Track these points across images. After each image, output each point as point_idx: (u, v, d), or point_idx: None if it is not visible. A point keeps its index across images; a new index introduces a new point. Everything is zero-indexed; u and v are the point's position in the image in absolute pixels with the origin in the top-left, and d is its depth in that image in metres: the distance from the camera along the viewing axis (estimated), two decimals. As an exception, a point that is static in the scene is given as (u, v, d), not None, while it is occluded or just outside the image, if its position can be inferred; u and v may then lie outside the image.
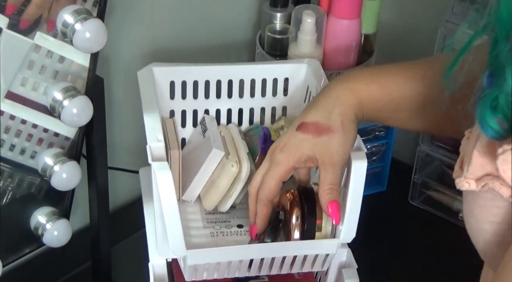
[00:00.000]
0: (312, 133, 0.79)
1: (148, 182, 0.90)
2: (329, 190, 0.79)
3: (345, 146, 0.79)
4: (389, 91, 0.82)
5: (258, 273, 0.84)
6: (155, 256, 0.87)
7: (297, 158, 0.80)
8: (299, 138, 0.80)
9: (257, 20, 1.25)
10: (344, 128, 0.79)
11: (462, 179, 0.62)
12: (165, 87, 0.96)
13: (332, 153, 0.79)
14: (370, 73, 0.84)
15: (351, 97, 0.81)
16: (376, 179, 1.25)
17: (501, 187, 0.59)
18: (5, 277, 0.96)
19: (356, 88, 0.81)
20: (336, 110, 0.80)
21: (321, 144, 0.79)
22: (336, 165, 0.79)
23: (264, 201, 0.82)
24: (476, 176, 0.61)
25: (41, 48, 0.87)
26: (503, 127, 0.56)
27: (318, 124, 0.79)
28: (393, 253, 1.15)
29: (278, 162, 0.80)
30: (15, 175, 0.94)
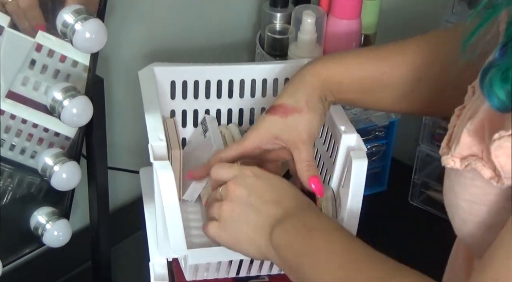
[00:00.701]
0: (280, 114, 0.84)
1: (148, 182, 0.90)
2: (307, 167, 0.82)
3: (312, 124, 0.84)
4: (351, 71, 0.86)
5: (258, 273, 0.84)
6: (155, 255, 0.87)
7: (266, 137, 0.84)
8: (267, 120, 0.85)
9: (257, 20, 1.25)
10: (309, 107, 0.84)
11: (448, 156, 0.64)
12: (166, 87, 0.96)
13: (301, 131, 0.83)
14: (334, 55, 0.89)
15: (314, 79, 0.85)
16: (376, 179, 1.25)
17: (482, 168, 0.60)
18: (5, 277, 0.96)
19: (318, 71, 0.85)
20: (299, 92, 0.84)
21: (288, 124, 0.83)
22: (306, 142, 0.83)
23: (216, 157, 0.86)
24: (462, 155, 0.63)
25: (43, 47, 0.87)
26: (509, 99, 0.57)
27: (285, 106, 0.84)
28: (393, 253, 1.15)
29: (246, 137, 0.85)
30: (15, 175, 0.94)
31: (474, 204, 0.63)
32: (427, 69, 0.83)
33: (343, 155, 0.86)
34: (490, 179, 0.60)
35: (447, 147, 0.66)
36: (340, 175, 0.87)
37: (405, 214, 1.23)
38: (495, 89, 0.57)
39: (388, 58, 0.85)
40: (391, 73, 0.85)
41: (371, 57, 0.86)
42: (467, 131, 0.62)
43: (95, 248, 1.05)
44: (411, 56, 0.84)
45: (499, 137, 0.57)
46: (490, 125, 0.60)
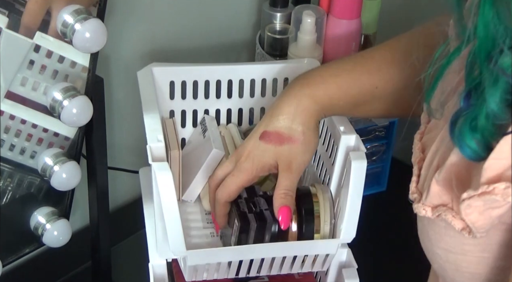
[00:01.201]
0: (274, 143, 0.82)
1: (148, 182, 0.90)
2: (283, 195, 0.81)
3: (304, 155, 0.83)
4: (347, 89, 0.84)
5: (258, 273, 0.84)
6: (155, 256, 0.87)
7: (260, 167, 0.83)
8: (262, 148, 0.83)
9: (257, 20, 1.25)
10: (305, 138, 0.82)
11: (419, 205, 0.64)
12: (165, 87, 0.96)
13: (292, 161, 0.82)
14: (328, 74, 0.85)
15: (311, 104, 0.83)
16: (376, 179, 1.25)
17: (453, 219, 0.60)
18: (5, 277, 0.96)
19: (315, 94, 0.83)
20: (297, 120, 0.82)
21: (282, 152, 0.82)
22: (293, 173, 0.82)
23: (222, 202, 0.84)
24: (433, 204, 0.63)
25: (41, 48, 0.87)
26: (480, 148, 0.57)
27: (280, 134, 0.82)
28: (393, 253, 1.15)
29: (243, 169, 0.83)
30: (15, 175, 0.94)
31: (451, 253, 0.63)
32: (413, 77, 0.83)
33: (342, 156, 0.86)
34: (462, 230, 0.60)
35: (417, 191, 0.66)
36: (339, 176, 0.87)
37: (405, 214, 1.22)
38: (466, 140, 0.57)
39: (381, 70, 0.84)
40: (383, 86, 0.84)
41: (365, 71, 0.85)
42: (436, 181, 0.62)
43: (95, 248, 1.05)
44: (400, 65, 0.83)
45: (468, 197, 0.57)
46: (457, 175, 0.61)
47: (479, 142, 0.57)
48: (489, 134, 0.57)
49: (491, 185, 0.55)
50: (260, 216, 0.83)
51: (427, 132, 0.70)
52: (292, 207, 0.81)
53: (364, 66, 0.85)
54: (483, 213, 0.58)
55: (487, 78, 0.56)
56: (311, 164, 0.97)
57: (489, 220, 0.58)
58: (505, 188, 0.55)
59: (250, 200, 0.85)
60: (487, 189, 0.56)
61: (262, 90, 0.99)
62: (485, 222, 0.58)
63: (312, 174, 0.97)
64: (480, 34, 0.55)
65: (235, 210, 0.83)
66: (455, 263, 0.63)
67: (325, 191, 0.85)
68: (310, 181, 0.97)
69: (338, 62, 0.88)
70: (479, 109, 0.56)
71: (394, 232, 1.19)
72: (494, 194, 0.55)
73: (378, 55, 0.86)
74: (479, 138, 0.57)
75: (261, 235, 0.82)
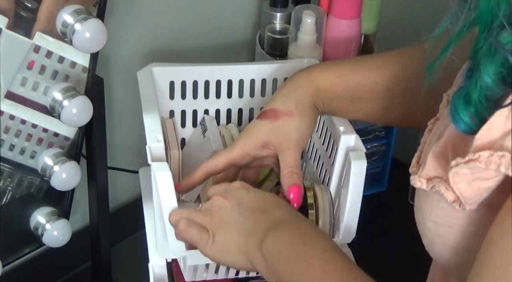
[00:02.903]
0: (269, 118, 0.82)
1: (148, 182, 0.90)
2: (289, 174, 0.80)
3: (300, 129, 0.82)
4: (345, 78, 0.85)
5: (258, 273, 0.84)
6: (155, 256, 0.87)
7: (253, 144, 0.82)
8: (257, 125, 0.83)
9: (257, 20, 1.25)
10: (299, 112, 0.82)
11: (416, 177, 0.64)
12: (164, 88, 0.96)
13: (289, 135, 0.81)
14: (328, 63, 0.88)
15: (307, 84, 0.84)
16: (376, 179, 1.25)
17: (446, 190, 0.61)
18: (5, 277, 0.96)
19: (312, 76, 0.84)
20: (292, 95, 0.83)
21: (277, 127, 0.82)
22: (293, 148, 0.81)
23: (203, 169, 0.83)
24: (428, 176, 0.63)
25: (41, 48, 0.87)
26: (474, 122, 0.57)
27: (275, 110, 0.82)
28: (393, 253, 1.15)
29: (235, 145, 0.83)
30: (15, 175, 0.94)
31: (440, 226, 0.63)
32: (414, 80, 0.83)
33: (342, 156, 0.86)
34: (453, 202, 0.60)
35: (417, 164, 0.66)
36: (339, 176, 0.87)
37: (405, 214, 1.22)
38: (459, 113, 0.58)
39: (382, 68, 0.84)
40: (383, 83, 0.84)
41: (364, 66, 0.85)
42: (433, 153, 0.62)
43: (95, 248, 1.05)
44: (404, 66, 0.83)
45: (456, 164, 0.57)
46: (453, 148, 0.61)
47: (473, 116, 0.57)
48: (482, 108, 0.57)
49: (477, 153, 0.56)
50: None
51: (440, 119, 0.70)
52: (301, 184, 0.80)
53: (363, 63, 0.86)
54: (471, 183, 0.58)
55: (484, 51, 0.56)
56: (311, 164, 0.97)
57: (478, 191, 0.58)
58: (488, 156, 0.55)
59: None
60: (472, 157, 0.56)
61: (262, 90, 1.00)
62: (474, 193, 0.59)
63: (312, 174, 0.97)
64: (482, 5, 0.55)
65: None
66: (443, 236, 0.63)
67: (325, 191, 0.85)
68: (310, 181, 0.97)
69: (341, 58, 0.89)
70: (474, 83, 0.57)
71: (394, 232, 1.19)
72: (479, 161, 0.55)
73: (378, 56, 0.87)
74: (473, 112, 0.57)
75: None
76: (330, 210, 0.83)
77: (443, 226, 0.63)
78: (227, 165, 0.82)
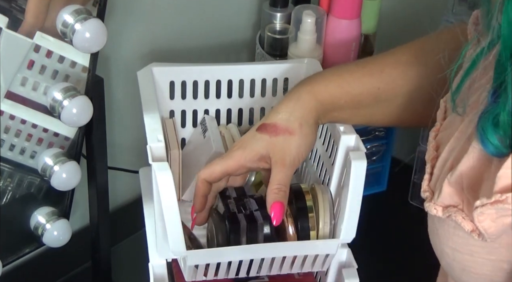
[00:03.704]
0: (269, 133, 0.81)
1: (148, 182, 0.90)
2: (276, 190, 0.79)
3: (299, 148, 0.81)
4: (348, 88, 0.83)
5: (258, 273, 0.84)
6: (155, 256, 0.87)
7: (250, 156, 0.81)
8: (256, 138, 0.81)
9: (257, 20, 1.25)
10: (301, 131, 0.81)
11: (431, 204, 0.64)
12: (165, 87, 0.96)
13: (285, 153, 0.80)
14: (330, 73, 0.85)
15: (312, 99, 0.82)
16: (376, 179, 1.25)
17: (463, 220, 0.61)
18: (5, 277, 0.96)
19: (315, 90, 0.82)
20: (295, 113, 0.81)
21: (276, 143, 0.80)
22: (287, 166, 0.80)
23: (201, 179, 0.82)
24: (444, 204, 0.63)
25: (41, 48, 0.87)
26: (503, 144, 0.57)
27: (277, 126, 0.81)
28: (393, 252, 1.15)
29: (232, 155, 0.81)
30: (15, 175, 0.94)
31: (458, 252, 0.63)
32: (420, 81, 0.82)
33: (342, 156, 0.86)
34: (471, 232, 0.60)
35: (429, 189, 0.66)
36: (339, 176, 0.87)
37: (405, 214, 1.23)
38: (488, 136, 0.58)
39: (384, 72, 0.83)
40: (386, 88, 0.83)
41: (366, 73, 0.84)
42: (448, 182, 0.62)
43: (95, 248, 1.05)
44: (402, 68, 0.83)
45: (481, 204, 0.58)
46: (468, 179, 0.61)
47: (502, 138, 0.57)
48: (511, 131, 0.57)
49: (503, 194, 0.56)
50: (250, 217, 0.82)
51: (442, 130, 0.70)
52: (285, 203, 0.79)
53: (366, 68, 0.85)
54: (495, 220, 0.58)
55: (510, 76, 0.56)
56: (311, 164, 0.97)
57: (502, 227, 0.59)
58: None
59: (239, 201, 0.84)
60: (500, 198, 0.56)
61: (262, 90, 1.00)
62: (498, 229, 0.59)
63: (312, 174, 0.97)
64: (504, 32, 0.55)
65: (225, 211, 0.83)
66: (462, 262, 0.63)
67: (325, 191, 0.85)
68: (310, 181, 0.97)
69: (342, 64, 0.88)
70: (502, 106, 0.57)
71: (394, 232, 1.19)
72: (507, 203, 0.56)
73: (381, 59, 0.86)
74: (501, 134, 0.57)
75: (253, 236, 0.81)
76: (330, 210, 0.83)
77: (462, 253, 0.63)
78: (223, 174, 0.82)
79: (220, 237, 0.81)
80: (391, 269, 1.11)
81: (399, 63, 0.83)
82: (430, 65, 0.81)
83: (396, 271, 1.11)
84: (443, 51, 0.71)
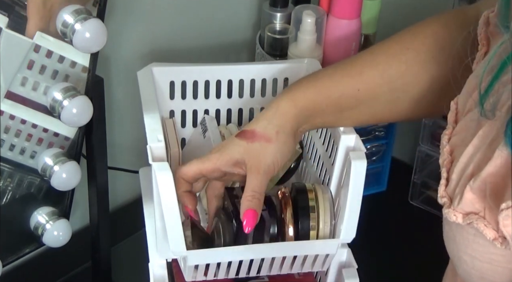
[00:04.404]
0: (247, 139, 0.81)
1: (148, 182, 0.90)
2: (250, 197, 0.79)
3: (275, 156, 0.81)
4: (328, 93, 0.83)
5: (258, 273, 0.84)
6: (155, 256, 0.87)
7: (225, 160, 0.81)
8: (234, 143, 0.81)
9: (257, 20, 1.25)
10: (278, 139, 0.81)
11: (450, 211, 0.63)
12: (165, 87, 0.96)
13: (261, 160, 0.80)
14: (309, 79, 0.85)
15: (291, 107, 0.82)
16: (376, 179, 1.25)
17: (485, 228, 0.60)
18: (5, 277, 0.96)
19: (295, 97, 0.82)
20: (274, 121, 0.81)
21: (252, 149, 0.80)
22: (261, 173, 0.80)
23: (177, 176, 0.81)
24: (465, 211, 0.62)
25: (41, 48, 0.87)
26: None
27: (254, 132, 0.81)
28: (393, 253, 1.15)
29: (208, 157, 0.81)
30: (15, 175, 0.94)
31: (477, 260, 0.62)
32: (401, 79, 0.82)
33: (342, 156, 0.86)
34: (493, 240, 0.59)
35: (446, 195, 0.65)
36: (339, 176, 0.87)
37: (405, 214, 1.23)
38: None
39: (363, 73, 0.82)
40: (366, 88, 0.82)
41: (345, 75, 0.83)
42: (470, 189, 0.61)
43: (95, 248, 1.05)
44: (382, 67, 0.82)
45: (507, 207, 0.57)
46: (492, 185, 0.60)
47: None
48: None
49: None
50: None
51: (455, 133, 0.68)
52: (258, 211, 0.79)
53: (345, 70, 0.84)
54: None
55: None
56: (311, 164, 0.97)
57: None
58: None
59: None
60: None
61: (262, 90, 1.00)
62: None
63: (312, 174, 0.97)
64: None
65: (232, 210, 0.83)
66: (480, 270, 0.63)
67: (325, 191, 0.85)
68: (310, 181, 0.97)
69: (322, 69, 0.87)
70: None
71: (394, 232, 1.19)
72: None
73: (361, 58, 0.85)
74: None
75: (260, 236, 0.82)
76: (330, 210, 0.83)
77: (481, 261, 0.62)
78: (197, 174, 0.82)
79: (227, 236, 0.81)
80: (391, 269, 1.11)
81: (377, 64, 0.82)
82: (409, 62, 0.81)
83: (396, 271, 1.11)
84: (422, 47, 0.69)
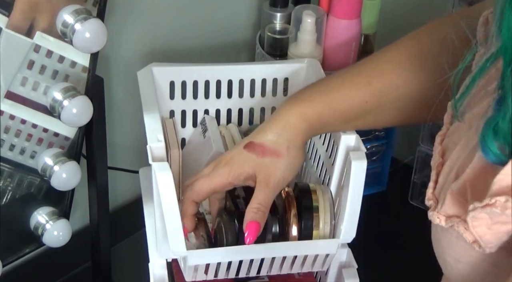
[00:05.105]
0: (257, 153, 0.81)
1: (148, 182, 0.90)
2: (256, 209, 0.79)
3: (285, 171, 0.81)
4: (336, 106, 0.83)
5: (258, 273, 0.84)
6: (155, 256, 0.87)
7: (237, 174, 0.81)
8: (243, 156, 0.81)
9: (257, 20, 1.25)
10: (289, 154, 0.81)
11: (434, 213, 0.63)
12: (165, 87, 0.96)
13: (270, 175, 0.80)
14: (317, 92, 0.84)
15: (300, 122, 0.82)
16: (376, 179, 1.25)
17: (465, 231, 0.60)
18: (5, 277, 0.96)
19: (304, 112, 0.82)
20: (284, 135, 0.81)
21: (263, 164, 0.81)
22: (270, 187, 0.80)
23: (188, 201, 0.82)
24: (447, 214, 0.63)
25: (41, 48, 0.87)
26: (503, 152, 0.57)
27: (264, 146, 0.81)
28: (393, 252, 1.15)
29: (218, 173, 0.81)
30: (15, 175, 0.94)
31: (459, 263, 0.63)
32: (408, 87, 0.82)
33: (342, 156, 0.86)
34: (472, 243, 0.60)
35: (433, 197, 0.66)
36: (339, 176, 0.87)
37: (405, 214, 1.23)
38: (488, 144, 0.57)
39: (370, 84, 0.82)
40: (373, 100, 0.82)
41: (353, 88, 0.83)
42: (451, 192, 0.62)
43: (95, 248, 1.05)
44: (390, 78, 0.82)
45: (473, 208, 0.57)
46: (473, 189, 0.60)
47: (503, 147, 0.56)
48: (511, 139, 0.56)
49: (493, 198, 0.55)
50: None
51: (448, 134, 0.69)
52: (262, 224, 0.80)
53: (353, 82, 0.84)
54: (491, 227, 0.58)
55: (510, 82, 0.55)
56: (311, 164, 0.97)
57: (498, 235, 0.58)
58: (505, 201, 0.55)
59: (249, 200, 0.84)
60: (489, 201, 0.56)
61: (262, 90, 1.00)
62: (493, 237, 0.58)
63: (312, 174, 0.97)
64: (504, 37, 0.55)
65: (235, 210, 0.83)
66: (462, 273, 0.63)
67: (325, 191, 0.85)
68: (310, 181, 0.97)
69: (328, 78, 0.87)
70: (502, 113, 0.56)
71: (394, 232, 1.19)
72: (495, 206, 0.55)
73: (367, 69, 0.85)
74: (502, 142, 0.56)
75: (262, 236, 0.82)
76: (331, 210, 0.83)
77: (462, 263, 0.63)
78: (210, 193, 0.82)
79: (229, 236, 0.81)
80: (391, 269, 1.11)
81: (385, 73, 0.83)
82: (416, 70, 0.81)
83: (396, 271, 1.11)
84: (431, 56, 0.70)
